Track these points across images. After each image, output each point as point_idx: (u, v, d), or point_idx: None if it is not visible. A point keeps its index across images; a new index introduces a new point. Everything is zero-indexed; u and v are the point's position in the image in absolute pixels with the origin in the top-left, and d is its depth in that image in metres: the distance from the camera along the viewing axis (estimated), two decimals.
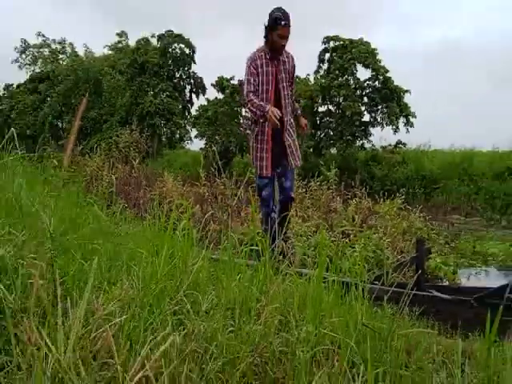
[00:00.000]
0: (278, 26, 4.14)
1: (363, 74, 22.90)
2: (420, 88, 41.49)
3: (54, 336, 0.99)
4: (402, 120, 22.22)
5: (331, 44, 23.59)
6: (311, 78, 24.72)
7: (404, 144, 22.20)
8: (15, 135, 2.25)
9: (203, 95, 30.31)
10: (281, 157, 4.36)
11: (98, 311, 1.18)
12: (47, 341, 0.96)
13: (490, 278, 6.55)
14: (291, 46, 4.40)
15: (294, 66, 4.48)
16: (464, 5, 66.94)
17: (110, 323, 1.15)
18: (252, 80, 4.27)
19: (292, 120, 4.48)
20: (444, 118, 38.00)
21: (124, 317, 1.21)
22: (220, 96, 26.83)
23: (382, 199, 8.60)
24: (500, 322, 1.29)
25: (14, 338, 1.04)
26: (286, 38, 4.22)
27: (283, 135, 4.33)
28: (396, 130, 22.30)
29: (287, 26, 4.17)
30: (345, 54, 22.74)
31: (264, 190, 4.33)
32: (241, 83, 3.94)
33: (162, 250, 1.74)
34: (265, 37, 4.28)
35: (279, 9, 4.20)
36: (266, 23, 4.22)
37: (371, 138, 23.07)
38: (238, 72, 25.61)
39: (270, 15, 4.19)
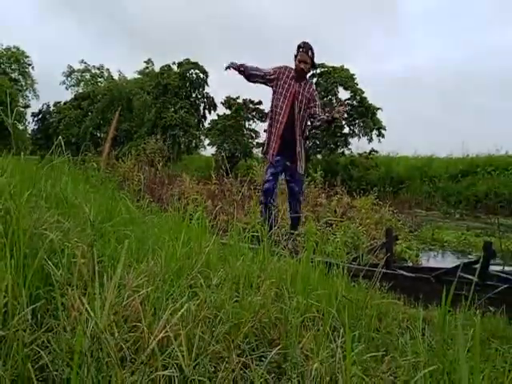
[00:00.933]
0: (298, 52, 4.23)
1: (344, 94, 22.93)
2: (390, 106, 41.45)
3: (92, 304, 0.98)
4: (375, 132, 22.25)
5: (318, 70, 23.53)
6: None
7: (376, 151, 22.18)
8: (62, 143, 2.25)
9: (214, 111, 30.33)
10: (291, 163, 4.31)
11: (129, 284, 1.18)
12: (87, 307, 0.96)
13: (445, 260, 6.54)
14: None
15: (311, 93, 4.35)
16: (427, 41, 66.87)
17: (138, 294, 1.15)
18: (264, 71, 4.29)
19: (301, 137, 4.39)
20: (409, 131, 38.04)
21: (149, 288, 1.21)
22: (228, 112, 26.81)
23: (358, 196, 8.59)
24: (453, 296, 1.29)
25: (60, 305, 1.04)
26: (303, 62, 4.23)
27: (295, 145, 4.30)
28: (370, 140, 22.35)
29: (304, 51, 4.21)
30: (329, 78, 22.71)
31: (267, 183, 4.21)
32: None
33: (181, 235, 1.73)
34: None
35: (303, 41, 4.27)
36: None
37: (350, 147, 23.13)
38: (242, 93, 25.64)
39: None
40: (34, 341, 1.00)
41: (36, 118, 37.67)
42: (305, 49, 4.20)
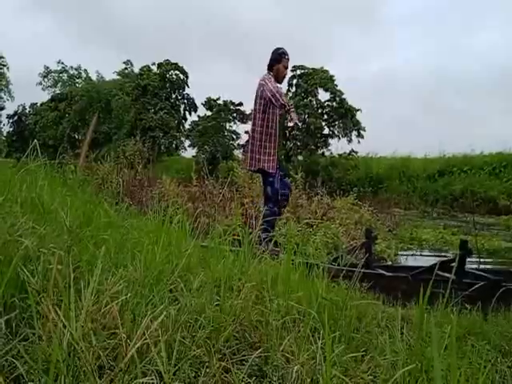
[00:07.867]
0: (283, 58, 4.27)
1: (324, 96, 23.17)
2: (370, 107, 41.98)
3: (67, 312, 0.97)
4: (354, 133, 22.51)
5: (298, 72, 23.69)
6: None
7: (356, 152, 22.46)
8: (38, 145, 2.20)
9: (195, 112, 30.24)
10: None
11: (107, 290, 1.16)
12: (61, 317, 0.94)
13: (423, 259, 6.64)
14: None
15: None
16: (402, 43, 68.03)
17: (117, 300, 1.13)
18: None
19: None
20: (387, 132, 38.68)
21: (128, 294, 1.20)
22: (208, 113, 26.73)
23: (338, 196, 8.65)
24: (430, 294, 1.31)
25: (36, 314, 1.02)
26: (287, 68, 4.34)
27: None
28: (350, 141, 22.63)
29: (288, 59, 4.31)
30: (309, 79, 22.88)
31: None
32: (272, 94, 3.87)
33: (161, 239, 1.72)
34: (270, 68, 4.29)
35: (281, 48, 4.31)
36: (273, 57, 4.27)
37: (330, 148, 23.35)
38: (223, 94, 25.62)
39: (276, 51, 4.28)
40: (9, 351, 0.97)
41: (11, 120, 36.78)
42: (288, 56, 4.29)
